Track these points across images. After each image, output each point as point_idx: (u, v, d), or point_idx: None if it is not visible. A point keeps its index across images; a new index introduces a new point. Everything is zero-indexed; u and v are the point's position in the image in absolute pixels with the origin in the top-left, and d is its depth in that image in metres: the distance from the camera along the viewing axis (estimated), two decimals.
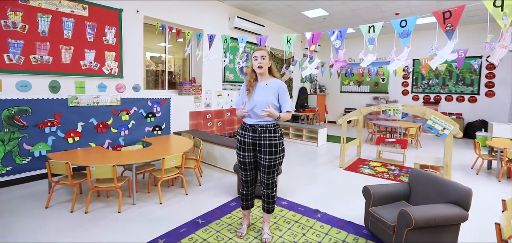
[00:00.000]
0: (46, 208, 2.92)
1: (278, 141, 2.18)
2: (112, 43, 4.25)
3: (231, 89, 6.75)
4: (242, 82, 7.03)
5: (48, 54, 3.65)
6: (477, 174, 4.40)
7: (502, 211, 1.88)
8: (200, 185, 3.68)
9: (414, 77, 8.53)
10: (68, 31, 3.79)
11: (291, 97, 9.22)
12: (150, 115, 4.88)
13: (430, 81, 8.25)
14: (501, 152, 4.08)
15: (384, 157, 5.34)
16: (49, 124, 3.73)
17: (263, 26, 6.97)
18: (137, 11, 4.50)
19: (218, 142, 4.49)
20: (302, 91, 9.95)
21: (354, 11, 6.41)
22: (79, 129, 4.01)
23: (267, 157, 2.18)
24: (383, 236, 2.31)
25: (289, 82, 9.09)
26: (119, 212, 2.85)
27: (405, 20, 2.20)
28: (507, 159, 4.00)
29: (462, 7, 1.91)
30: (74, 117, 3.96)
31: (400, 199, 2.56)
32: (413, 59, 7.64)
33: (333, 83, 10.42)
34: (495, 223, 1.72)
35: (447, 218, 2.06)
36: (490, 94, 7.41)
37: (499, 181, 4.08)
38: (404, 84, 8.76)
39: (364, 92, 9.62)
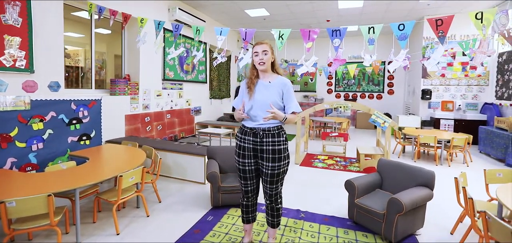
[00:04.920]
0: None
1: (282, 147, 1.96)
2: (15, 24, 3.07)
3: (172, 89, 6.05)
4: (183, 81, 6.43)
5: None
6: (398, 157, 5.36)
7: (463, 187, 2.29)
8: (161, 202, 3.11)
9: (336, 78, 9.76)
10: None
11: (228, 96, 9.05)
12: (74, 121, 3.83)
13: (349, 81, 9.63)
14: (415, 138, 5.09)
15: (327, 150, 5.86)
16: None
17: (204, 21, 6.54)
18: None
19: (171, 149, 3.91)
20: (239, 90, 9.91)
21: (293, 14, 6.77)
22: None
23: (270, 164, 1.94)
24: (371, 225, 2.46)
25: (226, 81, 8.89)
26: None
27: (403, 24, 2.43)
28: (420, 143, 5.02)
29: (451, 17, 2.27)
30: None
31: (375, 188, 2.80)
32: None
33: None
34: (469, 198, 2.07)
35: (422, 199, 2.36)
36: (391, 92, 9.24)
37: (415, 161, 5.08)
38: (329, 83, 9.92)
39: (295, 91, 10.38)
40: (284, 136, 2.00)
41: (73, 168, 2.73)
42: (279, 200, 2.07)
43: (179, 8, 5.50)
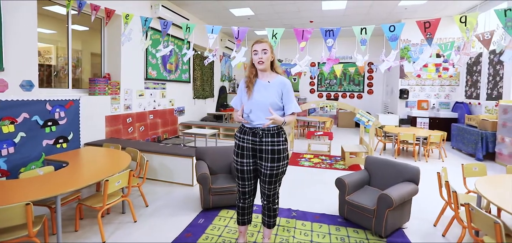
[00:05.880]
0: None
1: (282, 147, 1.93)
2: None
3: (154, 88, 5.85)
4: (166, 80, 6.25)
5: None
6: (380, 154, 5.57)
7: (446, 181, 2.41)
8: (148, 206, 2.99)
9: (319, 78, 9.96)
10: None
11: (212, 96, 8.92)
12: (49, 123, 3.57)
13: (331, 81, 9.87)
14: (396, 136, 5.31)
15: (312, 149, 5.96)
16: None
17: (188, 19, 6.39)
18: None
19: (157, 151, 3.78)
20: (222, 90, 9.82)
21: (278, 14, 6.81)
22: None
23: (269, 164, 1.91)
24: (361, 221, 2.52)
25: (210, 81, 8.76)
26: None
27: (394, 25, 2.51)
28: (400, 141, 5.25)
29: (438, 20, 2.39)
30: None
31: (363, 185, 2.88)
32: (318, 62, 8.94)
33: None
34: (453, 191, 2.19)
35: (409, 194, 2.46)
36: (370, 92, 9.60)
37: (395, 158, 5.31)
38: (311, 83, 10.10)
39: None
40: (283, 136, 1.97)
41: (52, 173, 2.55)
42: (276, 201, 2.05)
43: (162, 5, 5.33)
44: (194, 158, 3.50)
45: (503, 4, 5.24)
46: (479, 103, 6.23)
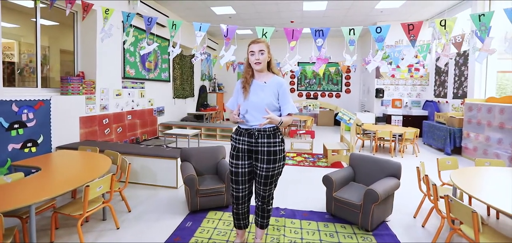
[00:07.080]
0: None
1: (278, 148, 1.91)
2: None
3: (133, 88, 5.59)
4: (145, 79, 6.01)
5: None
6: (359, 151, 5.78)
7: (425, 175, 2.55)
8: (130, 211, 2.84)
9: (299, 77, 10.13)
10: None
11: (192, 95, 8.73)
12: (16, 126, 3.27)
13: (310, 81, 10.08)
14: (374, 133, 5.55)
15: (294, 147, 6.04)
16: None
17: (167, 16, 6.19)
18: None
19: (138, 153, 3.61)
20: (202, 89, 9.64)
21: (259, 13, 6.81)
22: None
23: (265, 166, 1.88)
24: (348, 216, 2.60)
25: (190, 80, 8.56)
26: None
27: (380, 27, 2.59)
28: (378, 138, 5.49)
29: (421, 23, 2.51)
30: None
31: (349, 181, 2.96)
32: (299, 62, 9.09)
33: (229, 81, 10.71)
34: (433, 184, 2.32)
35: (392, 188, 2.58)
36: (348, 91, 9.94)
37: (373, 154, 5.54)
38: (292, 83, 10.25)
39: None
40: (280, 137, 1.94)
41: (22, 180, 2.33)
42: (270, 202, 2.04)
43: (140, 1, 5.10)
44: (179, 159, 3.39)
45: (467, 10, 5.67)
46: (446, 102, 6.70)
